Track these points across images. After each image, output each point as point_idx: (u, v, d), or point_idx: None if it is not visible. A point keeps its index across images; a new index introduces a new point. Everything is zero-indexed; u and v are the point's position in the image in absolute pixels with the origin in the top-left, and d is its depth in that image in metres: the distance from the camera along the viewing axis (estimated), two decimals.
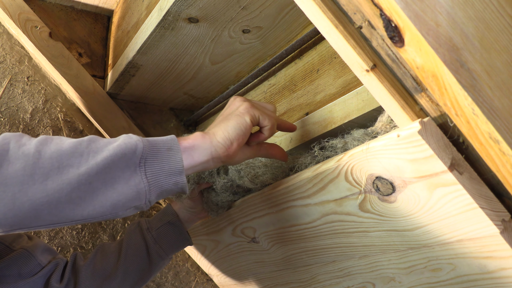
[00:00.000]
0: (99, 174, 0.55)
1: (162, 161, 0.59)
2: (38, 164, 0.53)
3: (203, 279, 1.23)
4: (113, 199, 0.56)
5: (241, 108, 0.68)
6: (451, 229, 0.57)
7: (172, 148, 0.61)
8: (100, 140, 0.58)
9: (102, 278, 0.84)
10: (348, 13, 0.52)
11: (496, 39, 0.49)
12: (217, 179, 0.83)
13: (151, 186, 0.58)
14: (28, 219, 0.53)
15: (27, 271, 0.78)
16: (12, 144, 0.54)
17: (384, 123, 0.63)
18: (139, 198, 0.58)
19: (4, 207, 0.51)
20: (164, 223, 0.89)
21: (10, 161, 0.52)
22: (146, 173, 0.58)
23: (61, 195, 0.53)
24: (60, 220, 0.54)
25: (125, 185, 0.56)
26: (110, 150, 0.56)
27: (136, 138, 0.59)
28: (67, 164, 0.54)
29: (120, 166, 0.56)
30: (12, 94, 1.06)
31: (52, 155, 0.54)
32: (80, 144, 0.56)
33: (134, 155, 0.57)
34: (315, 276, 0.85)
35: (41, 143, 0.55)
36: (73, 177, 0.53)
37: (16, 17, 1.04)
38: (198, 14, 0.86)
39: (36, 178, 0.52)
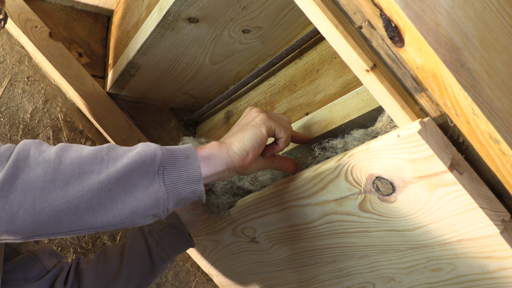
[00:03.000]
0: (119, 181, 0.54)
1: (180, 169, 0.60)
2: (59, 170, 0.53)
3: (203, 279, 1.23)
4: (132, 207, 0.56)
5: (258, 119, 0.68)
6: (451, 229, 0.57)
7: (189, 157, 0.61)
8: (119, 148, 0.58)
9: (105, 281, 0.84)
10: (348, 13, 0.52)
11: (496, 39, 0.49)
12: (217, 182, 0.83)
13: (169, 194, 0.58)
14: (48, 225, 0.52)
15: (33, 275, 0.78)
16: (32, 150, 0.54)
17: (384, 123, 0.63)
18: (157, 206, 0.58)
19: (24, 213, 0.51)
20: (165, 225, 0.89)
21: (30, 166, 0.52)
22: (165, 180, 0.58)
23: (81, 201, 0.53)
24: (79, 228, 0.54)
25: (144, 193, 0.56)
26: (129, 157, 0.56)
27: (154, 146, 0.59)
28: (88, 170, 0.54)
29: (140, 173, 0.56)
30: (12, 94, 1.06)
31: (73, 161, 0.54)
32: (100, 151, 0.56)
33: (153, 163, 0.57)
34: (315, 276, 0.85)
35: (61, 150, 0.55)
36: (94, 183, 0.53)
37: (16, 17, 1.04)
38: (198, 14, 0.86)
39: (56, 184, 0.52)
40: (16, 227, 0.51)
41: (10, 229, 0.51)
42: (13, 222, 0.51)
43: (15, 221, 0.51)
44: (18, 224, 0.51)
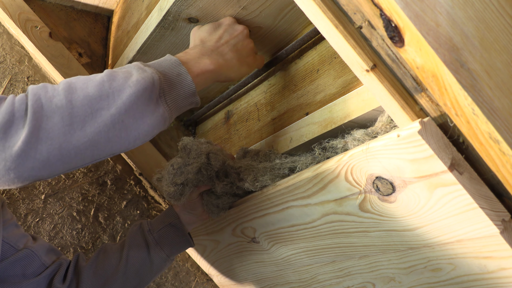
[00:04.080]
0: (128, 111, 0.60)
1: (177, 87, 0.67)
2: (73, 113, 0.58)
3: (203, 279, 1.23)
4: (145, 131, 0.62)
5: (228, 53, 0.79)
6: (451, 229, 0.57)
7: (180, 73, 0.68)
8: (118, 76, 0.62)
9: (104, 279, 0.84)
10: (348, 13, 0.52)
11: (496, 39, 0.49)
12: (216, 182, 0.83)
13: (172, 111, 0.66)
14: (75, 162, 0.59)
15: (31, 271, 0.78)
16: (43, 98, 0.58)
17: (384, 123, 0.63)
18: (164, 124, 0.65)
19: (54, 158, 0.57)
20: (165, 224, 0.89)
21: (48, 116, 0.57)
22: (167, 101, 0.65)
23: (100, 136, 0.59)
24: (101, 157, 0.61)
25: (152, 117, 0.63)
26: (131, 87, 0.61)
27: (150, 71, 0.64)
28: (98, 107, 0.59)
29: (145, 100, 0.62)
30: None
31: (83, 102, 0.59)
32: (103, 84, 0.61)
33: (154, 88, 0.63)
34: (315, 276, 0.85)
35: (68, 92, 0.59)
36: (107, 118, 0.59)
37: (16, 17, 1.04)
38: (198, 14, 0.86)
39: (75, 126, 0.58)
40: (49, 171, 0.58)
41: (44, 174, 0.58)
42: (46, 168, 0.57)
43: (48, 166, 0.57)
44: (51, 168, 0.58)
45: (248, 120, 1.05)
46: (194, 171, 0.80)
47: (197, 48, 0.77)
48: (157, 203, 1.22)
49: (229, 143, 1.11)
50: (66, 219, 1.08)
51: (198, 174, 0.81)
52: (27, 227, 1.03)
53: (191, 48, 0.77)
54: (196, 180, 0.82)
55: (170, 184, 0.81)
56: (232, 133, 1.10)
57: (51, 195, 1.08)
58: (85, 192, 1.12)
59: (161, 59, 0.70)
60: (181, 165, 0.81)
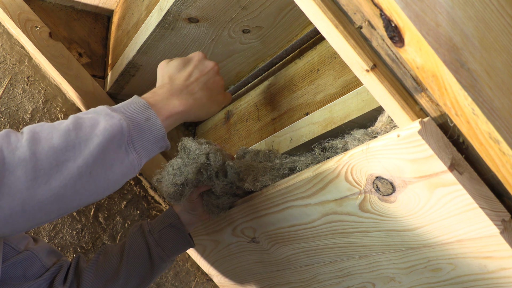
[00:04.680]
0: (96, 161, 0.58)
1: (146, 133, 0.64)
2: (37, 167, 0.54)
3: (203, 279, 1.23)
4: (114, 180, 0.60)
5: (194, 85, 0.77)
6: (451, 229, 0.57)
7: (149, 118, 0.65)
8: (84, 124, 0.60)
9: (105, 280, 0.84)
10: (348, 13, 0.52)
11: (496, 39, 0.49)
12: (216, 182, 0.83)
13: (142, 158, 0.64)
14: (39, 218, 0.55)
15: (32, 273, 0.78)
16: (5, 151, 0.54)
17: (384, 123, 0.63)
18: (134, 172, 0.63)
19: (16, 214, 0.53)
20: (165, 225, 0.89)
21: (9, 170, 0.53)
22: (136, 148, 0.63)
23: (67, 190, 0.56)
24: (68, 210, 0.58)
25: (122, 165, 0.61)
26: (99, 136, 0.59)
27: (117, 117, 0.61)
28: (64, 159, 0.56)
29: (113, 148, 0.60)
30: (12, 94, 1.06)
31: (47, 154, 0.55)
32: (69, 135, 0.58)
33: (122, 136, 0.61)
34: (315, 276, 0.85)
35: (32, 143, 0.56)
36: (73, 170, 0.56)
37: (16, 17, 1.04)
38: (198, 14, 0.86)
39: (39, 181, 0.54)
40: (11, 228, 0.54)
41: (6, 231, 0.54)
42: (8, 224, 0.53)
43: (9, 223, 0.53)
44: (13, 224, 0.54)
45: (248, 120, 1.05)
46: (194, 172, 0.80)
47: (165, 87, 0.74)
48: (157, 203, 1.22)
49: (229, 143, 1.11)
50: (66, 219, 1.08)
51: (198, 175, 0.81)
52: None
53: (159, 87, 0.74)
54: (196, 181, 0.82)
55: (170, 184, 0.81)
56: (232, 133, 1.10)
57: None
58: None
59: (128, 102, 0.67)
60: (181, 165, 0.81)
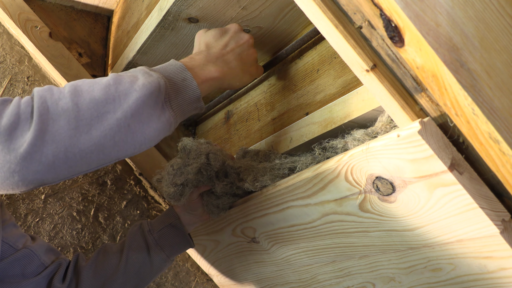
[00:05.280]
0: (134, 115, 0.60)
1: (182, 93, 0.67)
2: (79, 117, 0.57)
3: (203, 279, 1.23)
4: (150, 135, 0.62)
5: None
6: (451, 229, 0.57)
7: (186, 79, 0.68)
8: (124, 80, 0.62)
9: (104, 279, 0.84)
10: (348, 13, 0.52)
11: (496, 39, 0.49)
12: (216, 182, 0.83)
13: (178, 116, 0.66)
14: (80, 166, 0.58)
15: (30, 271, 0.78)
16: (49, 101, 0.57)
17: (384, 123, 0.63)
18: (170, 129, 0.65)
19: (59, 161, 0.56)
20: (165, 225, 0.89)
21: (54, 119, 0.56)
22: (172, 106, 0.65)
23: (106, 140, 0.58)
24: (106, 162, 0.60)
25: (158, 121, 0.62)
26: (137, 91, 0.61)
27: (156, 76, 0.64)
28: (104, 111, 0.59)
29: (151, 104, 0.61)
30: (12, 94, 1.06)
31: (89, 105, 0.58)
32: (109, 88, 0.60)
33: (160, 93, 0.63)
34: (315, 276, 0.85)
35: (74, 95, 0.59)
36: (113, 122, 0.59)
37: (16, 17, 1.04)
38: (198, 14, 0.86)
39: (81, 130, 0.57)
40: (54, 175, 0.57)
41: (49, 177, 0.57)
42: (51, 171, 0.56)
43: (53, 169, 0.56)
44: (56, 171, 0.57)
45: (248, 120, 1.05)
46: (194, 172, 0.80)
47: (202, 54, 0.76)
48: (157, 203, 1.22)
49: (229, 143, 1.11)
50: (66, 219, 1.08)
51: (198, 175, 0.81)
52: (27, 227, 1.03)
53: (196, 54, 0.77)
54: (196, 181, 0.82)
55: (170, 184, 0.81)
56: (232, 133, 1.10)
57: (51, 195, 1.08)
58: (85, 192, 1.12)
59: (166, 64, 0.69)
60: (181, 165, 0.81)
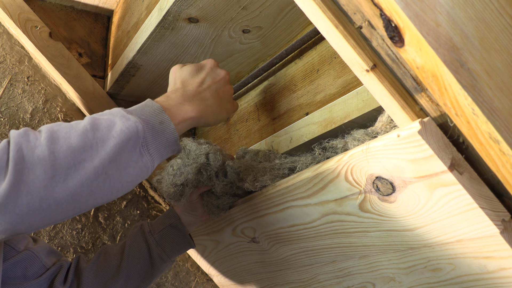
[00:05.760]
0: (112, 162, 0.59)
1: (159, 136, 0.65)
2: (56, 165, 0.55)
3: (203, 279, 1.23)
4: (128, 182, 0.61)
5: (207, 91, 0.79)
6: (451, 229, 0.57)
7: (163, 122, 0.66)
8: (101, 125, 0.61)
9: (105, 280, 0.84)
10: (348, 13, 0.52)
11: (496, 39, 0.49)
12: (216, 182, 0.83)
13: (154, 160, 0.64)
14: (55, 216, 0.56)
15: (32, 272, 0.78)
16: (24, 149, 0.55)
17: (384, 123, 0.63)
18: (147, 173, 0.64)
19: (34, 212, 0.54)
20: (166, 225, 0.89)
21: (29, 168, 0.54)
22: (149, 151, 0.63)
23: (83, 189, 0.57)
24: (83, 210, 0.59)
25: (135, 167, 0.61)
26: (116, 138, 0.60)
27: (133, 120, 0.62)
28: (82, 159, 0.57)
29: (128, 150, 0.60)
30: (12, 94, 1.06)
31: (65, 153, 0.57)
32: (86, 134, 0.59)
33: (138, 138, 0.62)
34: (315, 276, 0.85)
35: (50, 142, 0.57)
36: (90, 170, 0.57)
37: (16, 17, 1.04)
38: (198, 14, 0.86)
39: (57, 179, 0.55)
40: (28, 225, 0.55)
41: (23, 228, 0.55)
42: (25, 222, 0.54)
43: (27, 220, 0.54)
44: (29, 222, 0.55)
45: (248, 120, 1.05)
46: (194, 172, 0.80)
47: (178, 92, 0.75)
48: (157, 203, 1.22)
49: (229, 143, 1.11)
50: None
51: (198, 175, 0.81)
52: None
53: (172, 92, 0.76)
54: (196, 181, 0.82)
55: (170, 185, 0.81)
56: (232, 133, 1.10)
57: None
58: None
59: (143, 105, 0.68)
60: (181, 165, 0.81)
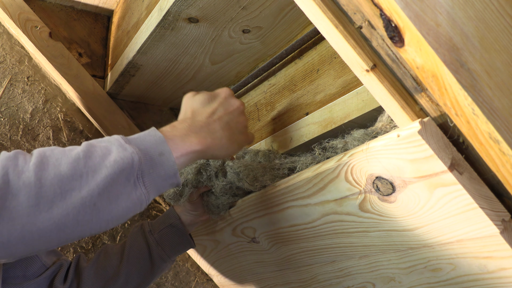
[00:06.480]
0: (101, 194, 0.55)
1: (157, 168, 0.61)
2: (41, 193, 0.53)
3: (203, 279, 1.23)
4: (118, 214, 0.57)
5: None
6: (451, 229, 0.57)
7: (163, 153, 0.62)
8: (95, 153, 0.57)
9: (105, 280, 0.84)
10: (348, 13, 0.52)
11: (496, 39, 0.49)
12: (216, 182, 0.83)
13: (150, 193, 0.60)
14: (38, 245, 0.53)
15: (32, 272, 0.78)
16: (11, 174, 0.53)
17: (384, 123, 0.63)
18: (140, 207, 0.60)
19: (15, 239, 0.52)
20: (166, 225, 0.89)
21: (13, 193, 0.52)
22: (145, 183, 0.59)
23: (68, 219, 0.54)
24: (69, 240, 0.55)
25: (127, 200, 0.58)
26: (108, 168, 0.56)
27: (130, 150, 0.59)
28: (69, 188, 0.54)
29: (120, 182, 0.57)
30: (12, 94, 1.06)
31: (52, 181, 0.54)
32: (78, 163, 0.56)
33: (132, 170, 0.58)
34: (315, 276, 0.85)
35: (39, 168, 0.54)
36: (77, 200, 0.54)
37: (16, 17, 1.04)
38: (198, 14, 0.86)
39: (41, 208, 0.52)
40: (9, 253, 0.52)
41: (3, 255, 0.53)
42: (5, 249, 0.52)
43: (7, 248, 0.52)
44: (10, 250, 0.52)
45: (248, 120, 1.05)
46: (194, 172, 0.80)
47: (186, 122, 0.70)
48: (157, 203, 1.22)
49: None
50: None
51: (198, 175, 0.81)
52: None
53: (180, 122, 0.71)
54: (195, 181, 0.82)
55: None
56: None
57: None
58: None
59: (145, 133, 0.64)
60: None
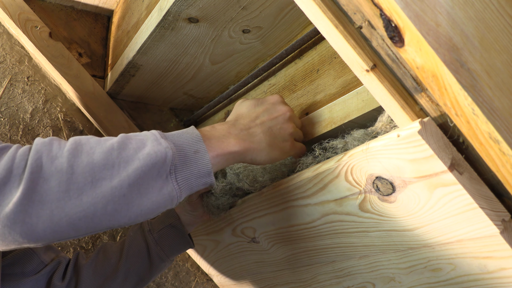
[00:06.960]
0: (132, 185, 0.55)
1: (191, 165, 0.60)
2: (72, 180, 0.53)
3: (203, 279, 1.23)
4: (147, 208, 0.57)
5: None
6: (451, 229, 0.57)
7: (199, 151, 0.61)
8: (130, 145, 0.57)
9: (103, 278, 0.84)
10: (348, 13, 0.52)
11: (496, 39, 0.49)
12: (216, 183, 0.83)
13: (182, 190, 0.60)
14: (66, 232, 0.54)
15: (30, 269, 0.78)
16: (44, 158, 0.54)
17: (384, 123, 0.63)
18: (171, 203, 0.59)
19: (43, 224, 0.52)
20: (165, 225, 0.89)
21: (44, 178, 0.52)
22: (177, 179, 0.59)
23: (97, 208, 0.54)
24: (97, 230, 0.56)
25: (158, 194, 0.57)
26: (140, 160, 0.56)
27: (165, 145, 0.58)
28: (100, 177, 0.54)
29: (152, 175, 0.57)
30: (12, 94, 1.06)
31: (84, 169, 0.54)
32: (111, 153, 0.56)
33: (165, 164, 0.58)
34: (315, 276, 0.85)
35: (72, 155, 0.55)
36: (107, 190, 0.54)
37: (16, 17, 1.04)
38: (198, 14, 0.86)
39: (71, 194, 0.53)
40: (37, 237, 0.53)
41: (32, 239, 0.53)
42: (34, 233, 0.52)
43: (36, 232, 0.52)
44: (38, 234, 0.52)
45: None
46: None
47: (227, 124, 0.70)
48: None
49: None
50: None
51: None
52: None
53: (221, 123, 0.71)
54: None
55: None
56: None
57: None
58: None
59: (183, 131, 0.64)
60: None
